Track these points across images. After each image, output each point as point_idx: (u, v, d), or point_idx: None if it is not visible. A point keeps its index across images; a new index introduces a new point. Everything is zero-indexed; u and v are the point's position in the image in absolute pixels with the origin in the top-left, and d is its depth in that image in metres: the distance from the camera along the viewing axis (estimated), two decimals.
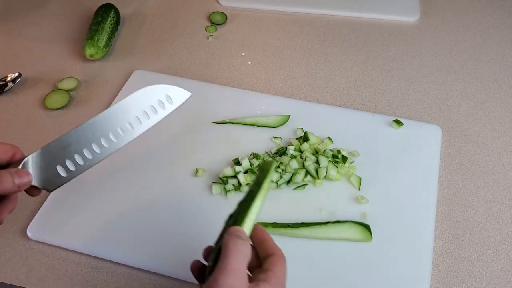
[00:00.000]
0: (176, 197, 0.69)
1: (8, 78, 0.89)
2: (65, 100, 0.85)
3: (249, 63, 0.93)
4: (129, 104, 0.59)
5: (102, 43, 0.92)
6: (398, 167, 0.73)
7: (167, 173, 0.73)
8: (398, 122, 0.78)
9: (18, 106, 0.86)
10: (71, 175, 0.56)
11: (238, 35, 1.00)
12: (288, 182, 0.70)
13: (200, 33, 1.00)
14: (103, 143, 0.57)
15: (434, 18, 1.03)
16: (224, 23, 1.02)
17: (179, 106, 0.63)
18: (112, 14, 0.98)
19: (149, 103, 0.60)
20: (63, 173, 0.56)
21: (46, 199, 0.70)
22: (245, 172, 0.71)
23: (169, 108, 0.62)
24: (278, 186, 0.70)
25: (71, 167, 0.56)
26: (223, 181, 0.70)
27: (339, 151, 0.73)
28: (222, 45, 0.97)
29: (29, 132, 0.81)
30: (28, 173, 0.52)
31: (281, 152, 0.73)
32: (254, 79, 0.90)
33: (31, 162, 0.53)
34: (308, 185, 0.71)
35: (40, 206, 0.69)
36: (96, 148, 0.57)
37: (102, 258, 0.65)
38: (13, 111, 0.85)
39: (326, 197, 0.70)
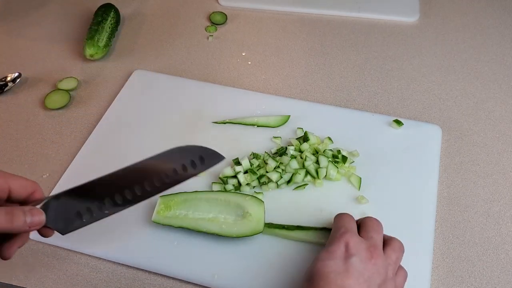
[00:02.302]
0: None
1: (8, 78, 0.89)
2: (65, 100, 0.85)
3: (249, 63, 0.93)
4: (161, 159, 0.57)
5: (102, 43, 0.92)
6: (398, 167, 0.73)
7: None
8: (398, 122, 0.78)
9: (18, 106, 0.86)
10: (87, 222, 0.53)
11: (238, 35, 1.00)
12: (288, 182, 0.70)
13: (200, 33, 1.00)
14: (126, 195, 0.54)
15: (434, 18, 1.03)
16: (224, 23, 1.02)
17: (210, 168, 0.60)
18: (112, 14, 0.98)
19: (181, 162, 0.57)
20: (79, 219, 0.52)
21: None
22: (245, 172, 0.71)
23: (200, 169, 0.58)
24: (278, 186, 0.70)
25: (90, 214, 0.53)
26: (223, 181, 0.70)
27: (339, 151, 0.73)
28: (222, 45, 0.97)
29: (29, 132, 0.81)
30: (42, 213, 0.49)
31: (281, 152, 0.73)
32: (254, 79, 0.90)
33: (49, 203, 0.51)
34: (308, 185, 0.71)
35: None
36: (118, 199, 0.54)
37: (102, 258, 0.65)
38: (13, 111, 0.85)
39: (326, 197, 0.70)
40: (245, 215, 0.64)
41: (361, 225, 0.58)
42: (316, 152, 0.73)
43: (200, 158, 0.58)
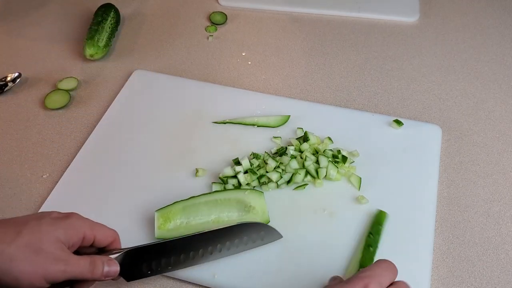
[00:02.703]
0: (176, 197, 0.69)
1: (8, 78, 0.89)
2: (65, 100, 0.85)
3: (249, 63, 0.93)
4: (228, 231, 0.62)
5: (102, 43, 0.92)
6: (398, 167, 0.73)
7: (167, 173, 0.73)
8: (398, 122, 0.78)
9: (18, 106, 0.86)
10: (150, 275, 0.58)
11: (238, 35, 1.00)
12: (288, 182, 0.70)
13: (200, 33, 1.00)
14: (190, 255, 0.60)
15: (434, 18, 1.03)
16: (224, 23, 1.02)
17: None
18: (112, 14, 0.98)
19: (244, 236, 0.62)
20: (145, 272, 0.57)
21: (46, 199, 0.70)
22: (245, 172, 0.71)
23: (259, 244, 0.63)
24: (278, 186, 0.70)
25: (155, 269, 0.58)
26: (223, 181, 0.70)
27: (339, 151, 0.73)
28: (222, 45, 0.97)
29: (29, 132, 0.81)
30: (117, 265, 0.54)
31: (281, 152, 0.73)
32: (254, 79, 0.90)
33: (123, 255, 0.55)
34: (308, 185, 0.71)
35: (40, 207, 0.69)
36: (183, 258, 0.59)
37: None
38: (13, 111, 0.85)
39: (326, 197, 0.70)
40: (249, 209, 0.65)
41: (394, 284, 0.52)
42: (316, 152, 0.73)
43: (261, 236, 0.63)
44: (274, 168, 0.70)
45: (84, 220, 0.54)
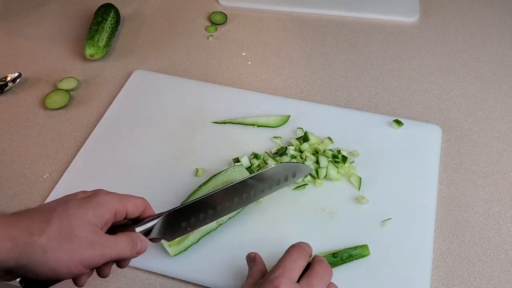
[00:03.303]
0: (177, 197, 0.69)
1: (8, 78, 0.89)
2: (65, 100, 0.85)
3: (249, 63, 0.93)
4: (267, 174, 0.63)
5: (102, 43, 0.92)
6: (398, 167, 0.73)
7: (167, 173, 0.73)
8: (398, 122, 0.78)
9: (18, 106, 0.86)
10: (190, 230, 0.58)
11: (238, 35, 1.00)
12: None
13: (200, 33, 1.00)
14: (225, 206, 0.60)
15: (434, 18, 1.03)
16: (224, 23, 1.02)
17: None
18: (112, 14, 0.98)
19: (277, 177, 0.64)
20: (188, 228, 0.58)
21: (46, 199, 0.70)
22: None
23: (291, 181, 0.66)
24: None
25: (193, 224, 0.58)
26: None
27: (339, 151, 0.73)
28: (222, 45, 0.97)
29: (29, 132, 0.81)
30: (146, 241, 0.53)
31: (281, 152, 0.73)
32: (254, 79, 0.90)
33: (158, 224, 0.55)
34: (308, 185, 0.71)
35: None
36: (219, 208, 0.60)
37: None
38: (13, 111, 0.85)
39: (326, 197, 0.70)
40: None
41: (309, 269, 0.53)
42: (316, 152, 0.73)
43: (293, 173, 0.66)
44: None
45: (112, 195, 0.52)
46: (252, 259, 0.57)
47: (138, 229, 0.53)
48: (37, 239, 0.44)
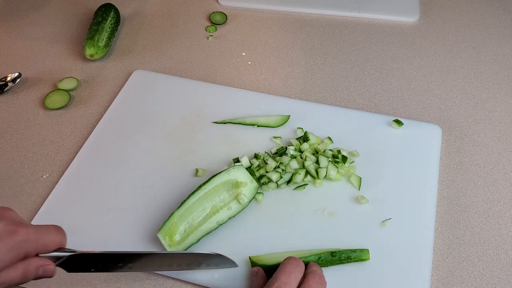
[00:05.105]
0: (177, 197, 0.69)
1: (8, 78, 0.89)
2: (65, 100, 0.85)
3: (249, 63, 0.93)
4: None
5: (102, 43, 0.92)
6: (398, 167, 0.73)
7: (167, 173, 0.73)
8: (398, 122, 0.78)
9: (18, 106, 0.86)
10: (94, 271, 0.57)
11: (238, 35, 1.00)
12: (288, 182, 0.70)
13: (200, 33, 1.00)
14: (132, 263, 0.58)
15: (434, 18, 1.03)
16: (224, 23, 1.02)
17: None
18: (112, 14, 0.98)
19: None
20: (92, 270, 0.56)
21: (46, 199, 0.70)
22: None
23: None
24: (278, 186, 0.70)
25: (98, 268, 0.56)
26: None
27: (339, 151, 0.73)
28: (222, 45, 0.97)
29: (29, 132, 0.81)
30: (53, 268, 0.51)
31: (281, 152, 0.73)
32: (254, 79, 0.90)
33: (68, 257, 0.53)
34: (308, 185, 0.71)
35: (40, 207, 0.69)
36: (127, 266, 0.57)
37: None
38: (13, 111, 0.85)
39: (326, 197, 0.70)
40: (238, 185, 0.66)
41: (304, 282, 0.54)
42: (316, 152, 0.73)
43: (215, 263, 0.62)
44: (274, 168, 0.70)
45: (30, 236, 0.48)
46: (254, 273, 0.58)
47: (43, 255, 0.51)
48: None
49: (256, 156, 0.73)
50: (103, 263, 0.55)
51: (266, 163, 0.71)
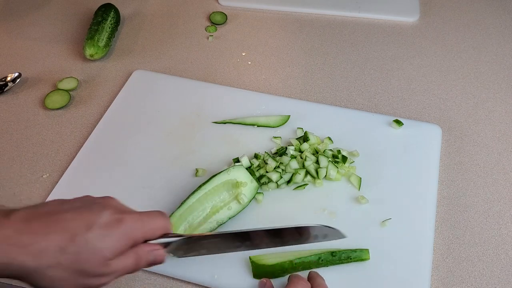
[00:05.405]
0: (177, 197, 0.69)
1: (8, 78, 0.89)
2: (65, 100, 0.85)
3: (249, 63, 0.93)
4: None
5: (102, 43, 0.92)
6: (398, 167, 0.73)
7: (167, 173, 0.73)
8: (398, 122, 0.78)
9: (18, 106, 0.86)
10: (202, 254, 0.57)
11: (238, 35, 1.00)
12: (288, 182, 0.70)
13: (200, 33, 1.00)
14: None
15: (434, 18, 1.03)
16: (224, 23, 1.02)
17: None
18: (112, 14, 0.98)
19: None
20: (197, 252, 0.56)
21: (46, 199, 0.70)
22: None
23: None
24: (278, 186, 0.70)
25: (207, 251, 0.56)
26: None
27: (339, 151, 0.73)
28: (222, 45, 0.97)
29: (29, 132, 0.81)
30: (164, 255, 0.52)
31: (281, 152, 0.73)
32: (254, 79, 0.90)
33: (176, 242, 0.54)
34: (308, 185, 0.71)
35: None
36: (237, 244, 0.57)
37: None
38: (13, 111, 0.85)
39: (326, 197, 0.70)
40: (238, 185, 0.66)
41: None
42: (316, 152, 0.73)
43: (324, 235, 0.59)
44: (274, 168, 0.70)
45: (137, 223, 0.49)
46: (263, 284, 0.58)
47: (154, 241, 0.52)
48: (48, 270, 0.44)
49: (256, 156, 0.73)
50: (212, 246, 0.55)
51: (266, 163, 0.71)
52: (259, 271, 0.61)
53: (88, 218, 0.46)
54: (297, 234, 0.56)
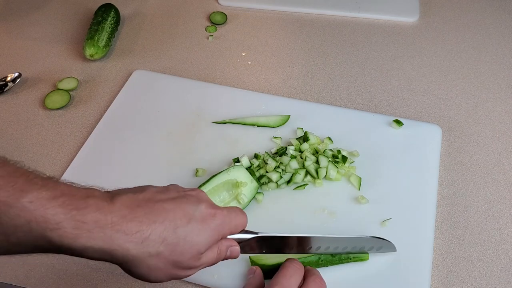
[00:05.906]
0: None
1: (8, 78, 0.89)
2: (65, 100, 0.85)
3: (249, 63, 0.93)
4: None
5: (102, 43, 0.92)
6: (398, 167, 0.73)
7: (167, 173, 0.73)
8: (398, 122, 0.78)
9: (18, 106, 0.86)
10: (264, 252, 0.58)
11: (238, 35, 1.00)
12: (288, 182, 0.70)
13: (200, 33, 1.00)
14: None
15: (434, 18, 1.03)
16: (224, 23, 1.02)
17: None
18: (112, 14, 0.98)
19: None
20: (263, 252, 0.58)
21: None
22: None
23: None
24: (278, 186, 0.70)
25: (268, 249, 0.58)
26: None
27: (339, 151, 0.73)
28: (222, 45, 0.97)
29: (29, 132, 0.81)
30: (239, 250, 0.53)
31: (281, 152, 0.73)
32: (254, 79, 0.90)
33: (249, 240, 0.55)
34: (308, 185, 0.71)
35: None
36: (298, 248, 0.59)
37: None
38: (13, 111, 0.85)
39: (326, 197, 0.70)
40: (238, 185, 0.66)
41: (303, 285, 0.54)
42: (316, 152, 0.73)
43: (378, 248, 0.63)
44: (274, 168, 0.70)
45: (226, 218, 0.50)
46: (252, 271, 0.58)
47: (232, 236, 0.53)
48: (148, 258, 0.44)
49: (256, 156, 0.73)
50: (281, 245, 0.57)
51: (266, 163, 0.71)
52: None
53: (187, 211, 0.47)
54: (361, 244, 0.60)
